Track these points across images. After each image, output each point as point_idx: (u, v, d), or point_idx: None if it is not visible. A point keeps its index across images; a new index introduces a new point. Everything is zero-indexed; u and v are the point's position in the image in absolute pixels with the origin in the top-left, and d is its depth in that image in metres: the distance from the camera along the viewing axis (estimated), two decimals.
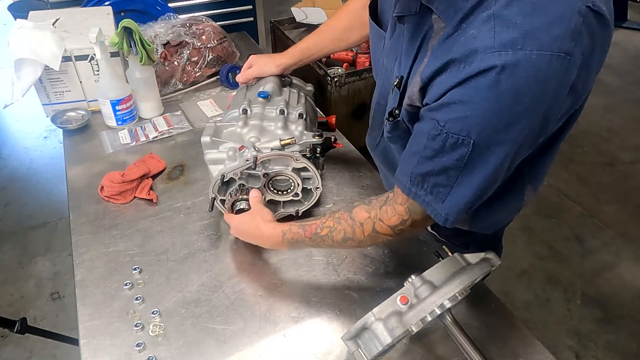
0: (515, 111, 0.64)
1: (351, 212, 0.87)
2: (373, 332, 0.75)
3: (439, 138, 0.70)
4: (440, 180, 0.73)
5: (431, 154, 0.72)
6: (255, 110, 1.11)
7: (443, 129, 0.69)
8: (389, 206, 0.83)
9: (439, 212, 0.75)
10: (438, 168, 0.72)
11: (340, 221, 0.88)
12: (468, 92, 0.65)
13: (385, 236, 0.85)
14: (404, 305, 0.75)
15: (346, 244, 0.88)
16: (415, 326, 0.75)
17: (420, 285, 0.76)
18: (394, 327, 0.74)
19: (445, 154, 0.70)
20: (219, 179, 1.02)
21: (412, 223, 0.81)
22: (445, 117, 0.68)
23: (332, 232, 0.88)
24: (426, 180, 0.75)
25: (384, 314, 0.75)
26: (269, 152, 1.01)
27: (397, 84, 0.82)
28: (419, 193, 0.77)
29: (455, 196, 0.73)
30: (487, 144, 0.67)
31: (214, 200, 1.05)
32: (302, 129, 1.08)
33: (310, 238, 0.90)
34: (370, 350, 0.76)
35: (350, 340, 0.79)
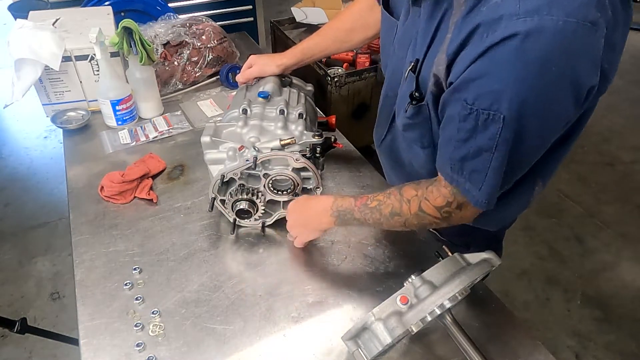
0: (543, 81, 0.63)
1: (401, 189, 0.87)
2: (373, 332, 0.76)
3: (470, 117, 0.69)
4: (476, 165, 0.73)
5: (465, 136, 0.71)
6: (255, 110, 1.11)
7: (472, 107, 0.67)
8: (435, 187, 0.82)
9: (478, 199, 0.75)
10: (473, 150, 0.72)
11: (390, 196, 0.87)
12: (492, 62, 0.64)
13: (432, 218, 0.83)
14: (404, 305, 0.75)
15: (393, 219, 0.87)
16: (415, 326, 0.75)
17: (420, 285, 0.76)
18: (394, 327, 0.74)
19: (478, 134, 0.69)
20: (218, 179, 1.01)
21: (458, 205, 0.80)
22: (472, 95, 0.67)
23: (380, 205, 0.87)
24: (464, 166, 0.74)
25: (384, 314, 0.75)
26: (269, 152, 1.01)
27: (411, 68, 0.82)
28: (460, 180, 0.76)
29: (490, 181, 0.73)
30: (518, 118, 0.65)
31: (213, 200, 1.05)
32: (302, 129, 1.08)
33: (360, 208, 0.89)
34: (370, 350, 0.76)
35: (350, 340, 0.79)
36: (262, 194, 1.05)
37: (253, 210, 1.05)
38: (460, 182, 0.76)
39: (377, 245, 1.09)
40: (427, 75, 0.79)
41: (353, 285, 1.00)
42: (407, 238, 1.11)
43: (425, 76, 0.80)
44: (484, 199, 0.75)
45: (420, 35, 0.81)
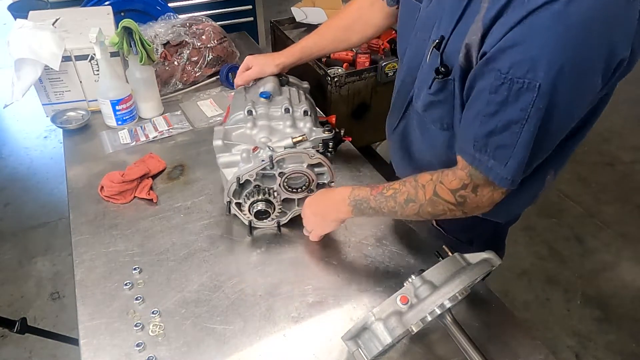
0: (581, 48, 0.62)
1: (417, 176, 0.87)
2: (373, 332, 0.76)
3: (502, 88, 0.68)
4: (503, 140, 0.71)
5: (494, 109, 0.70)
6: (260, 111, 1.11)
7: (506, 77, 0.66)
8: (451, 170, 0.82)
9: (503, 177, 0.74)
10: (502, 124, 0.70)
11: (405, 183, 0.88)
12: (532, 27, 0.63)
13: (446, 203, 0.83)
14: (404, 305, 0.75)
15: (408, 207, 0.86)
16: (415, 326, 0.75)
17: (420, 285, 0.76)
18: (394, 327, 0.74)
19: (509, 106, 0.68)
20: (234, 182, 1.01)
21: (474, 188, 0.80)
22: (507, 63, 0.66)
23: (396, 194, 0.88)
24: (489, 141, 0.73)
25: (384, 314, 0.75)
26: (284, 150, 1.00)
27: (435, 45, 0.81)
28: (482, 159, 0.75)
29: (517, 156, 0.72)
30: (553, 87, 0.65)
31: (229, 204, 1.05)
32: (311, 125, 1.08)
33: (375, 197, 0.90)
34: (370, 350, 0.76)
35: (350, 340, 0.79)
36: (278, 193, 1.04)
37: (271, 210, 1.04)
38: (483, 160, 0.75)
39: (377, 245, 1.09)
40: (454, 50, 0.79)
41: (353, 285, 1.00)
42: (407, 238, 1.11)
43: (452, 52, 0.79)
44: (509, 176, 0.74)
45: (447, 13, 0.81)
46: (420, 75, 0.92)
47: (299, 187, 1.07)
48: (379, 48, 2.15)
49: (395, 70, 2.07)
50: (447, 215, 0.86)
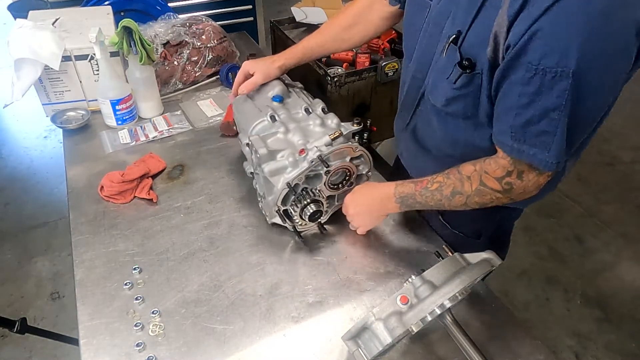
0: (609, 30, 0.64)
1: (459, 168, 0.89)
2: (373, 332, 0.76)
3: (535, 79, 0.69)
4: (542, 127, 0.73)
5: (528, 100, 0.72)
6: (282, 115, 1.09)
7: (538, 68, 0.68)
8: (492, 159, 0.85)
9: (547, 162, 0.76)
10: (539, 113, 0.72)
11: (449, 176, 0.90)
12: (558, 16, 0.65)
13: (493, 192, 0.85)
14: (404, 305, 0.75)
15: (455, 199, 0.89)
16: (415, 326, 0.75)
17: (420, 285, 0.76)
18: (394, 327, 0.74)
19: (543, 95, 0.70)
20: (286, 189, 1.00)
21: (519, 174, 0.81)
22: (537, 55, 0.68)
23: (441, 187, 0.90)
24: (528, 131, 0.75)
25: (384, 314, 0.75)
26: (333, 147, 1.00)
27: (452, 40, 0.83)
28: (522, 148, 0.77)
29: (559, 140, 0.73)
30: (587, 72, 0.66)
31: (284, 213, 1.04)
32: (337, 121, 1.08)
33: (420, 192, 0.93)
34: (370, 350, 0.76)
35: (350, 340, 0.79)
36: (322, 192, 1.04)
37: (323, 209, 1.05)
38: (523, 149, 0.77)
39: (377, 245, 1.09)
40: (475, 43, 0.80)
41: (353, 285, 1.00)
42: (407, 238, 1.11)
43: (473, 45, 0.80)
44: (554, 160, 0.75)
45: (462, 7, 0.82)
46: (434, 71, 0.93)
47: (339, 182, 1.07)
48: (379, 48, 2.15)
49: (395, 70, 2.06)
50: (494, 203, 0.88)
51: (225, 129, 1.43)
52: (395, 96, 1.10)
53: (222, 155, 1.36)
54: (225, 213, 1.17)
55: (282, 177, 1.00)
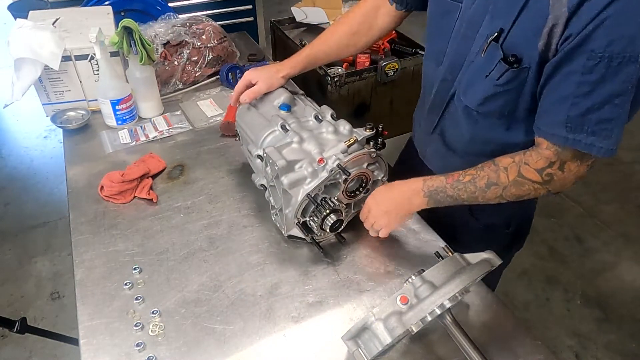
0: None
1: (494, 160, 0.88)
2: (373, 332, 0.76)
3: (599, 67, 0.70)
4: (605, 114, 0.73)
5: (589, 88, 0.72)
6: (293, 124, 1.07)
7: (603, 54, 0.69)
8: (534, 151, 0.84)
9: (607, 148, 0.76)
10: (601, 100, 0.72)
11: (483, 168, 0.89)
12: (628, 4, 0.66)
13: (532, 183, 0.85)
14: (404, 305, 0.75)
15: (490, 190, 0.88)
16: (415, 326, 0.75)
17: (420, 285, 0.76)
18: (394, 327, 0.73)
19: (607, 82, 0.70)
20: (306, 200, 0.98)
21: (561, 165, 0.81)
22: (603, 42, 0.68)
23: (475, 179, 0.89)
24: (586, 120, 0.75)
25: (384, 314, 0.75)
26: (352, 155, 0.99)
27: (494, 38, 0.83)
28: (578, 138, 0.76)
29: (620, 126, 0.75)
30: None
31: (299, 223, 1.02)
32: (349, 127, 1.07)
33: (452, 185, 0.91)
34: (370, 350, 0.76)
35: (350, 340, 0.79)
36: (340, 201, 1.02)
37: (342, 218, 1.03)
38: (579, 139, 0.76)
39: (377, 245, 1.09)
40: (522, 39, 0.80)
41: (353, 285, 1.00)
42: (407, 239, 1.11)
43: (519, 41, 0.81)
44: (614, 146, 0.76)
45: (501, 6, 0.82)
46: (469, 71, 0.93)
47: (356, 189, 1.07)
48: (379, 48, 2.15)
49: (395, 70, 2.06)
50: (532, 194, 0.87)
51: (225, 129, 1.43)
52: (396, 96, 1.10)
53: (222, 155, 1.37)
54: (225, 213, 1.17)
55: (302, 189, 0.98)
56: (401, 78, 2.12)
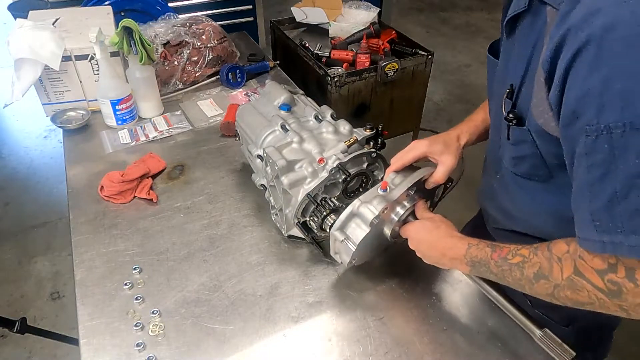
0: None
1: (550, 243, 0.69)
2: (359, 215, 0.88)
3: (599, 142, 0.55)
4: (635, 204, 0.55)
5: (603, 172, 0.56)
6: (293, 124, 1.07)
7: (599, 127, 0.55)
8: None
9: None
10: (621, 185, 0.55)
11: (537, 252, 0.70)
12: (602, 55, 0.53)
13: (593, 289, 0.62)
14: (384, 191, 0.90)
15: (538, 284, 0.69)
16: (395, 215, 0.90)
17: (395, 177, 0.93)
18: (376, 203, 0.87)
19: (619, 160, 0.54)
20: (306, 200, 0.98)
21: (629, 273, 0.59)
22: (592, 111, 0.55)
23: (524, 263, 0.70)
24: (615, 214, 0.57)
25: (368, 198, 0.89)
26: (351, 154, 0.99)
27: (507, 95, 0.74)
28: (616, 240, 0.57)
29: None
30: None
31: (299, 223, 1.02)
32: (349, 127, 1.07)
33: (497, 262, 0.74)
34: (356, 236, 0.87)
35: (337, 231, 0.89)
36: (340, 201, 1.02)
37: None
38: (618, 241, 0.57)
39: None
40: (527, 98, 0.72)
41: (353, 285, 1.00)
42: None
43: (526, 100, 0.72)
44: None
45: (514, 60, 0.75)
46: (501, 128, 0.82)
47: (356, 189, 1.07)
48: (379, 48, 2.15)
49: (395, 70, 2.07)
50: (597, 307, 0.64)
51: (225, 129, 1.43)
52: (396, 96, 1.09)
53: (222, 155, 1.37)
54: (225, 213, 1.17)
55: (302, 189, 0.98)
56: (401, 78, 2.12)
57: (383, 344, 0.88)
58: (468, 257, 0.79)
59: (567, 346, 0.81)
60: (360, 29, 2.23)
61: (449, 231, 0.86)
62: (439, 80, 3.82)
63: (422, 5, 5.23)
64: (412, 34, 2.33)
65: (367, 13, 2.38)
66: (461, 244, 0.81)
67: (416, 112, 2.35)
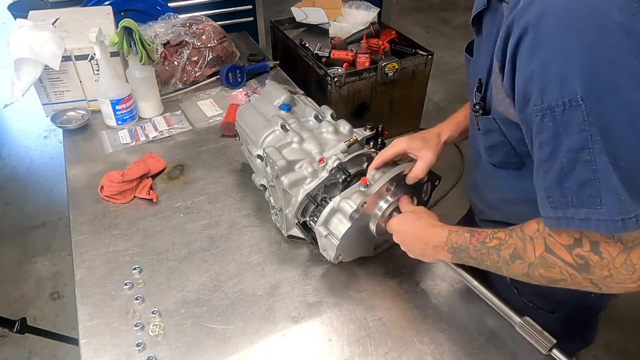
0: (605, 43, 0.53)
1: (523, 224, 0.71)
2: (340, 210, 0.91)
3: (545, 121, 0.58)
4: (580, 176, 0.57)
5: (549, 150, 0.59)
6: (293, 124, 1.07)
7: (543, 108, 0.57)
8: None
9: (607, 222, 0.57)
10: (567, 159, 0.57)
11: (511, 233, 0.71)
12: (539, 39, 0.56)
13: (564, 265, 0.64)
14: (364, 187, 0.92)
15: (514, 265, 0.70)
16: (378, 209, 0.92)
17: (375, 174, 0.95)
18: (355, 198, 0.89)
19: (563, 136, 0.57)
20: (306, 200, 0.98)
21: (593, 246, 0.61)
22: (535, 95, 0.58)
23: (500, 245, 0.72)
24: (565, 190, 0.59)
25: (348, 194, 0.91)
26: (352, 154, 0.99)
27: (477, 88, 0.77)
28: (568, 214, 0.59)
29: (609, 185, 0.56)
30: (600, 92, 0.54)
31: (299, 223, 1.02)
32: (349, 127, 1.08)
33: (475, 246, 0.76)
34: (339, 230, 0.90)
35: (321, 226, 0.92)
36: None
37: None
38: (571, 214, 0.59)
39: None
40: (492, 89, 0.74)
41: (353, 285, 1.00)
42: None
43: (491, 91, 0.75)
44: (615, 216, 0.56)
45: (481, 57, 0.77)
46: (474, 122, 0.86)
47: None
48: (379, 48, 2.15)
49: (395, 70, 2.07)
50: (570, 284, 0.66)
51: (225, 129, 1.43)
52: (396, 96, 1.09)
53: (222, 155, 1.37)
54: (225, 213, 1.17)
55: (302, 189, 0.98)
56: (401, 78, 2.13)
57: (383, 344, 0.88)
58: (449, 244, 0.81)
59: (548, 334, 0.81)
60: (360, 29, 2.24)
61: (431, 221, 0.88)
62: (439, 80, 3.82)
63: (422, 5, 5.23)
64: (412, 34, 2.33)
65: (367, 13, 2.38)
66: (442, 232, 0.83)
67: (416, 112, 2.35)
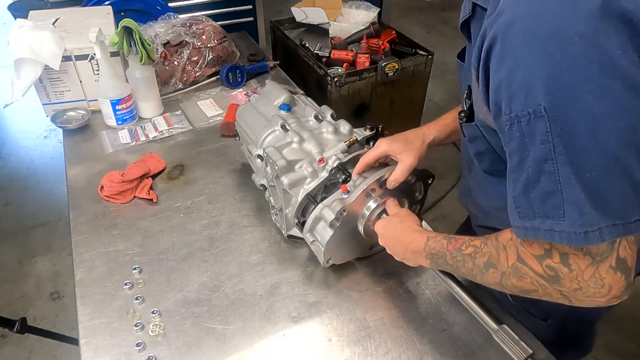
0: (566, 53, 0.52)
1: (498, 233, 0.70)
2: (323, 217, 0.93)
3: (514, 130, 0.58)
4: (544, 186, 0.57)
5: (519, 159, 0.59)
6: (293, 124, 1.07)
7: (511, 117, 0.57)
8: None
9: (570, 234, 0.56)
10: (532, 169, 0.57)
11: (487, 241, 0.71)
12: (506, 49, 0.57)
13: (535, 276, 0.63)
14: (345, 195, 0.93)
15: (487, 273, 0.70)
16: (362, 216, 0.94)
17: (357, 179, 0.95)
18: (335, 206, 0.91)
19: (529, 146, 0.57)
20: (306, 200, 0.98)
21: (562, 257, 0.60)
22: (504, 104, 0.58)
23: (475, 253, 0.72)
24: (531, 200, 0.59)
25: (329, 202, 0.93)
26: (352, 154, 0.99)
27: (466, 96, 0.77)
28: (535, 225, 0.59)
29: (572, 198, 0.55)
30: (562, 103, 0.53)
31: (299, 223, 1.02)
32: (349, 127, 1.08)
33: (452, 253, 0.75)
34: (323, 237, 0.93)
35: (308, 233, 0.95)
36: None
37: None
38: (537, 225, 0.59)
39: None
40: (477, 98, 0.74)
41: (353, 285, 1.00)
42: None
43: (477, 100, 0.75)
44: (578, 228, 0.55)
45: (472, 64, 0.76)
46: None
47: None
48: (379, 48, 2.15)
49: (395, 70, 2.07)
50: (541, 294, 0.65)
51: (225, 129, 1.43)
52: (396, 96, 1.09)
53: (222, 155, 1.37)
54: (225, 213, 1.17)
55: (302, 189, 0.98)
56: (401, 78, 2.12)
57: (383, 344, 0.88)
58: (427, 250, 0.80)
59: (525, 344, 0.80)
60: (360, 29, 2.23)
61: (412, 225, 0.86)
62: (439, 80, 3.82)
63: (422, 5, 5.23)
64: (412, 34, 2.33)
65: (367, 13, 2.38)
66: (421, 237, 0.82)
67: (416, 112, 2.35)
